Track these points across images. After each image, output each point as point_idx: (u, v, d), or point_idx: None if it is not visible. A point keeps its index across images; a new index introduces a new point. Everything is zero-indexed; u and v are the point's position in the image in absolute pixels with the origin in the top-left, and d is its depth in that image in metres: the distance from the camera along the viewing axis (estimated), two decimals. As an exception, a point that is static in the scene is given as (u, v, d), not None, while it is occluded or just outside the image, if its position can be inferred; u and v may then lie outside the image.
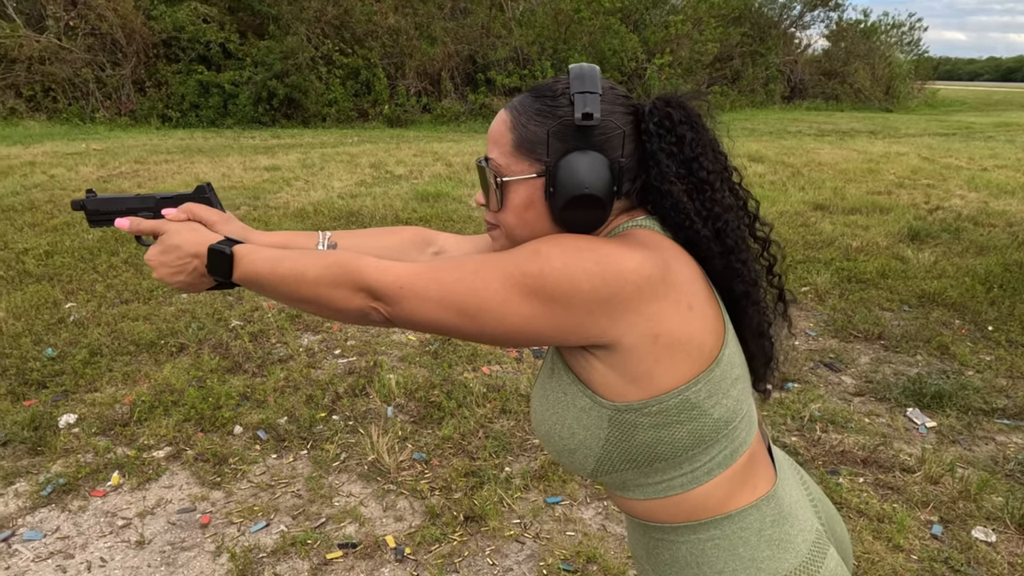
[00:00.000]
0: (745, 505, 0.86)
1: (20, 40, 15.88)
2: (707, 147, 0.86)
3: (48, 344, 3.72)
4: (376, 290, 0.80)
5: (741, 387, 0.85)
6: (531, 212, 0.87)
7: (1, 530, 2.29)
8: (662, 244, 0.82)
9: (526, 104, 0.87)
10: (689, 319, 0.78)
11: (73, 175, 9.07)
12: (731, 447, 0.84)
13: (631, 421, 0.80)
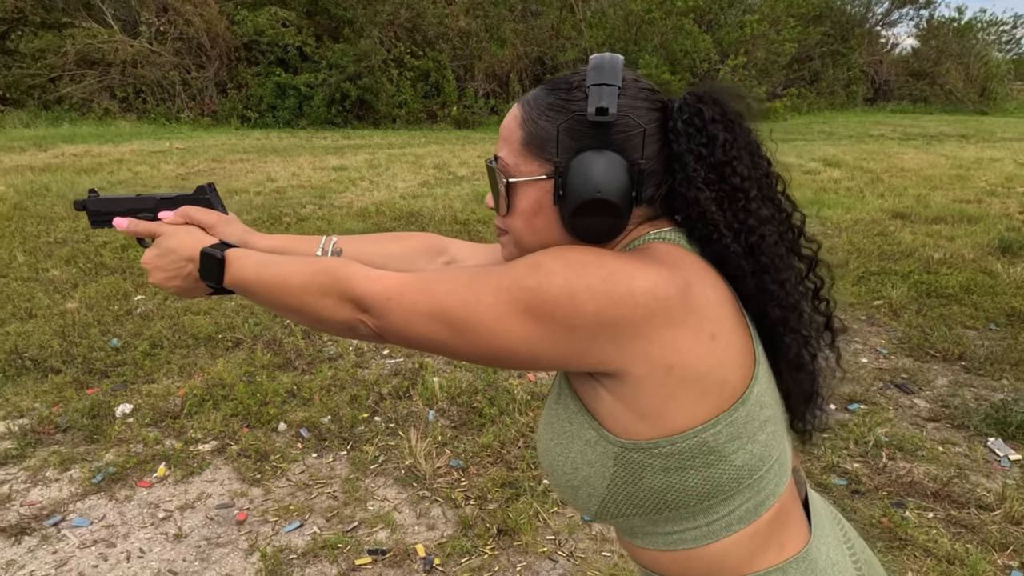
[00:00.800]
0: (769, 568, 0.75)
1: (116, 45, 16.86)
2: (743, 150, 0.76)
3: (114, 335, 3.88)
4: (364, 301, 0.74)
5: (771, 430, 0.74)
6: (540, 218, 0.78)
7: (52, 515, 2.37)
8: (685, 261, 0.72)
9: (539, 98, 0.79)
10: (711, 349, 0.68)
11: (155, 172, 9.53)
12: (755, 500, 0.73)
13: (639, 461, 0.71)
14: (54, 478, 2.59)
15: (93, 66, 16.87)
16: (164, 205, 1.00)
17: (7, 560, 2.16)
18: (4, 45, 16.57)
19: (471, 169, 9.90)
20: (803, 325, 0.77)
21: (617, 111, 0.73)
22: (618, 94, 0.73)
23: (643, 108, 0.75)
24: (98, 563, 2.15)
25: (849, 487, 2.49)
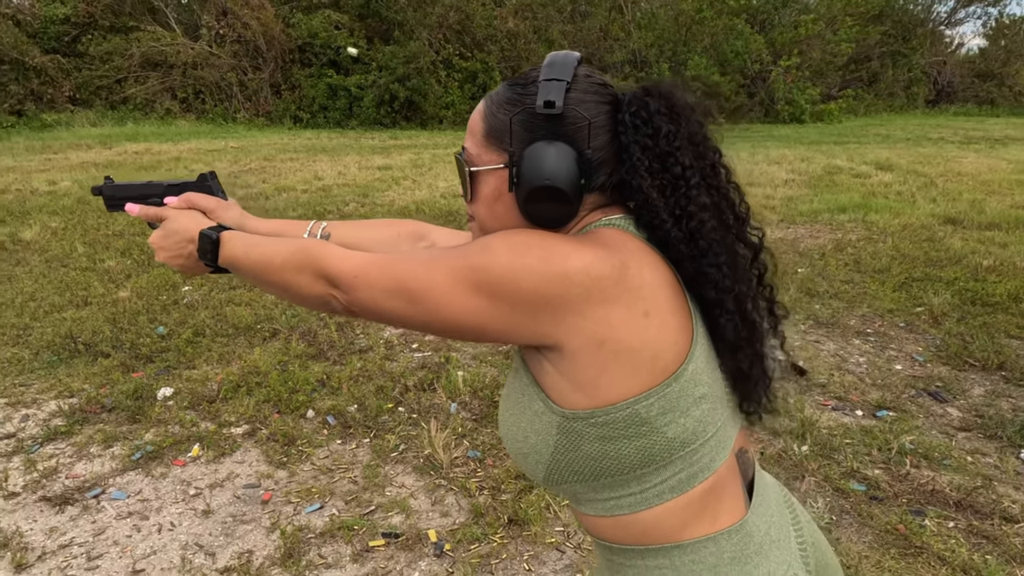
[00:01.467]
0: (701, 536, 0.78)
1: (178, 47, 17.58)
2: (686, 141, 0.79)
3: (161, 323, 4.08)
4: (334, 278, 0.80)
5: (707, 407, 0.77)
6: (500, 204, 0.84)
7: (94, 487, 2.53)
8: (626, 245, 0.77)
9: (500, 93, 0.84)
10: (643, 327, 0.72)
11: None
12: (688, 471, 0.77)
13: (578, 430, 0.75)
14: (97, 454, 2.76)
15: (156, 68, 17.63)
16: (170, 191, 1.09)
17: (51, 527, 2.32)
18: (75, 48, 17.47)
19: (513, 169, 9.98)
20: (740, 308, 0.79)
21: (566, 104, 0.77)
22: (567, 89, 0.78)
23: (593, 102, 0.79)
24: (132, 534, 2.29)
25: (867, 493, 2.45)
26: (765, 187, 8.50)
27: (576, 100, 0.78)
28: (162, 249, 1.00)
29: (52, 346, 3.73)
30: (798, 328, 4.06)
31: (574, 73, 0.79)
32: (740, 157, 11.20)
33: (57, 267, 5.24)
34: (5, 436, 2.89)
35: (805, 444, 2.73)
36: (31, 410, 3.11)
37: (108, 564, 2.15)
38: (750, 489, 0.85)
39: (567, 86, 0.78)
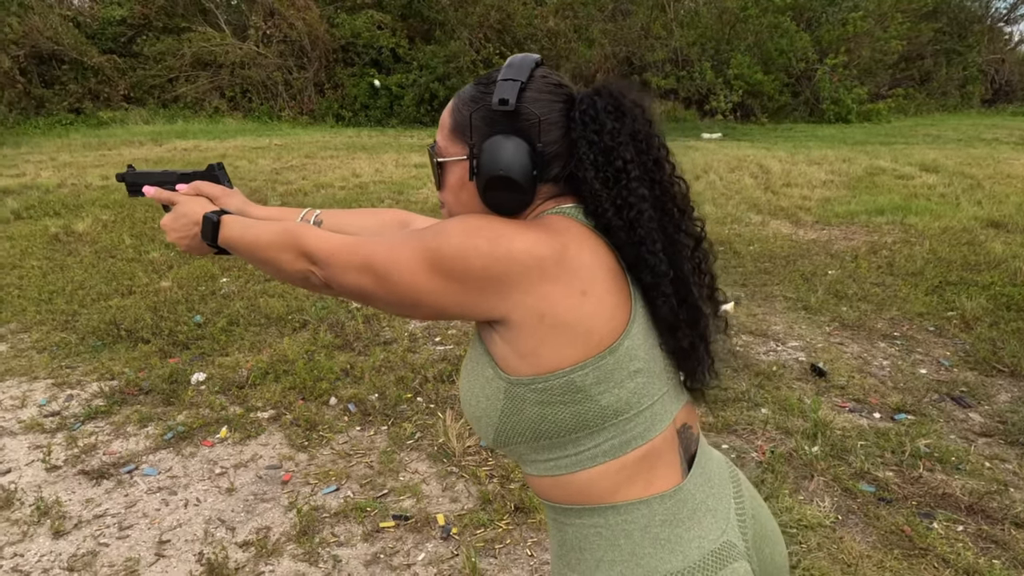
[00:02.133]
0: (634, 499, 0.84)
1: (227, 47, 18.11)
2: (629, 137, 0.85)
3: (198, 312, 4.27)
4: (313, 255, 0.89)
5: (643, 381, 0.83)
6: (464, 192, 0.91)
7: (128, 463, 2.69)
8: (570, 230, 0.83)
9: (466, 91, 0.92)
10: (579, 304, 0.79)
11: (252, 167, 10.21)
12: (621, 438, 0.83)
13: (521, 395, 0.82)
14: (133, 433, 2.93)
15: (206, 68, 18.19)
16: (182, 179, 1.20)
17: (87, 498, 2.48)
18: (131, 49, 18.15)
19: (547, 168, 10.02)
20: (677, 291, 0.85)
21: (521, 102, 0.84)
22: (521, 88, 0.84)
23: (546, 100, 0.86)
24: (160, 507, 2.44)
25: (876, 494, 2.45)
26: (802, 188, 8.37)
27: (531, 99, 0.85)
28: (172, 230, 1.10)
29: (97, 332, 3.95)
30: (822, 330, 4.03)
31: (531, 74, 0.86)
32: (779, 157, 11.03)
33: (106, 257, 5.51)
34: (51, 414, 3.08)
35: (816, 445, 2.73)
36: (75, 391, 3.30)
37: (137, 534, 2.29)
38: (693, 462, 0.91)
39: (522, 85, 0.84)
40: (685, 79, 19.22)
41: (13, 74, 15.94)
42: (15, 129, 15.11)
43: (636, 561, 0.83)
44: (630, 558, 0.83)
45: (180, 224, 1.10)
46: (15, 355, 3.69)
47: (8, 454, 2.76)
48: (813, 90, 19.78)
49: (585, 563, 0.86)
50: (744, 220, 6.77)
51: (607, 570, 0.84)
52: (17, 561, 2.16)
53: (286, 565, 2.14)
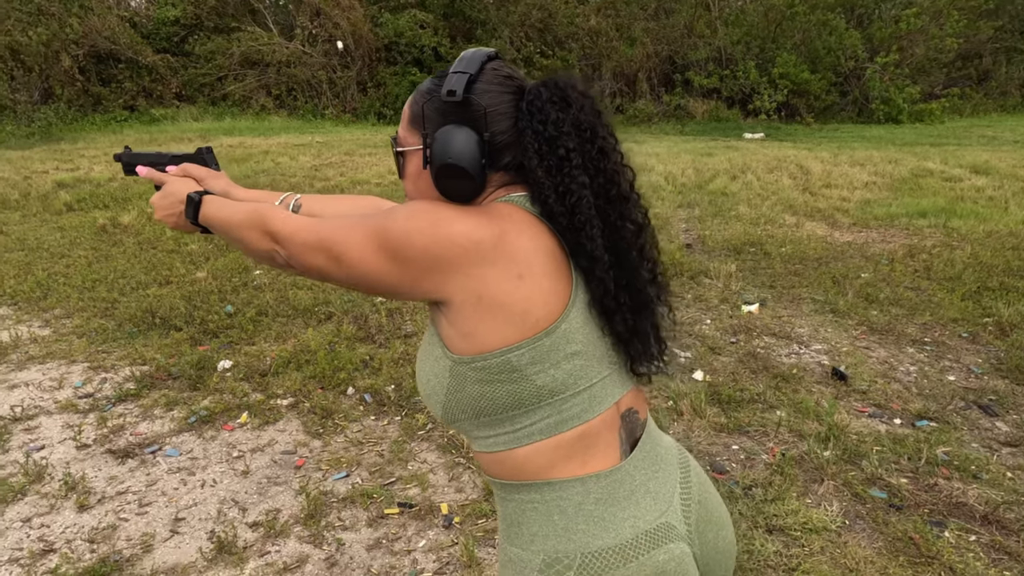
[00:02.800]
0: (569, 477, 0.87)
1: (274, 47, 18.55)
2: (572, 127, 0.87)
3: (230, 302, 4.41)
4: (276, 234, 0.93)
5: (580, 363, 0.86)
6: (422, 180, 0.94)
7: (152, 444, 2.81)
8: (512, 217, 0.86)
9: (424, 84, 0.96)
10: (516, 286, 0.82)
11: (293, 163, 10.46)
12: (557, 418, 0.86)
13: (463, 373, 0.86)
14: (159, 415, 3.05)
15: (254, 67, 18.67)
16: (173, 161, 1.27)
17: (112, 475, 2.60)
18: (183, 48, 18.75)
19: (582, 167, 9.99)
20: (616, 276, 0.87)
21: (471, 94, 0.87)
22: (470, 80, 0.87)
23: (495, 92, 0.89)
24: (179, 486, 2.54)
25: (887, 500, 2.40)
26: (842, 189, 8.17)
27: (480, 90, 0.88)
28: (159, 208, 1.17)
29: (134, 319, 4.12)
30: (849, 334, 3.94)
31: (481, 67, 0.89)
32: (821, 158, 10.78)
33: (148, 248, 5.73)
34: (85, 395, 3.23)
35: (828, 449, 2.69)
36: (109, 374, 3.46)
37: (155, 511, 2.40)
38: (636, 446, 0.92)
39: (471, 77, 0.87)
40: (728, 78, 18.90)
41: (73, 72, 16.63)
42: (73, 125, 15.78)
43: (568, 536, 0.85)
44: (563, 533, 0.86)
45: (167, 203, 1.16)
46: (57, 339, 3.88)
47: (43, 432, 2.91)
48: (862, 89, 19.24)
49: (522, 537, 0.88)
50: (778, 221, 6.65)
51: (541, 543, 0.87)
52: (43, 531, 2.28)
53: (291, 546, 2.21)
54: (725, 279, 4.82)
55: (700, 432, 2.86)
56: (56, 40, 16.20)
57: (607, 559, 0.85)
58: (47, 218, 6.97)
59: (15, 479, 2.55)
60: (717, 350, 3.71)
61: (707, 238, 6.07)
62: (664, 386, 3.25)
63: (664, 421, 2.92)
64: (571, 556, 0.85)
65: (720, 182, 8.74)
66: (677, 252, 5.42)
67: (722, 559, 0.98)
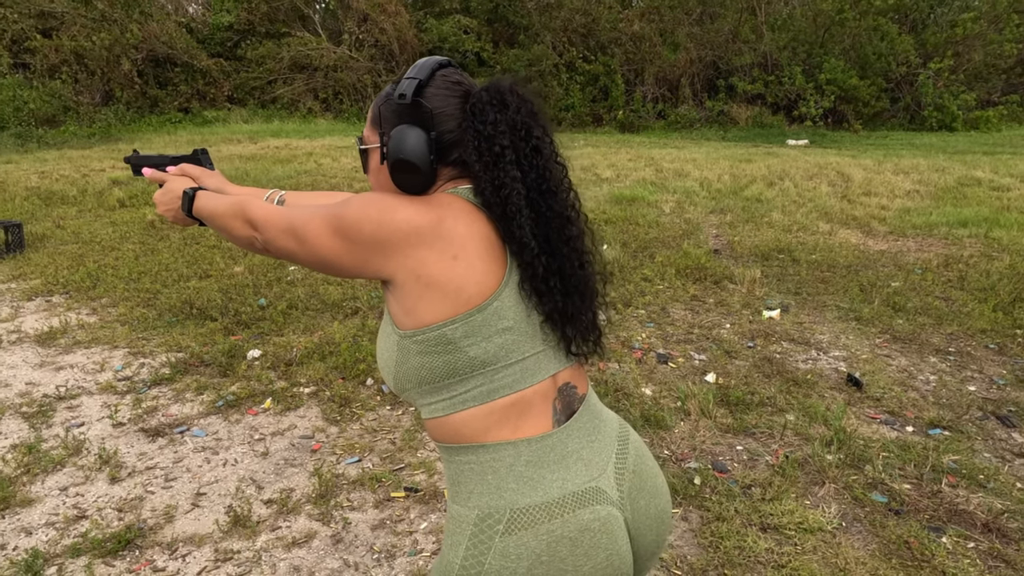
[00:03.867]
0: (501, 440, 0.95)
1: (322, 51, 19.05)
2: (507, 126, 0.96)
3: (263, 295, 4.61)
4: (254, 222, 1.05)
5: (512, 339, 0.94)
6: (381, 175, 1.05)
7: (181, 425, 2.99)
8: (452, 205, 0.96)
9: (386, 88, 1.06)
10: (451, 267, 0.91)
11: (335, 164, 10.75)
12: (489, 386, 0.95)
13: (406, 347, 0.96)
14: (190, 399, 3.23)
15: (302, 71, 19.21)
16: (173, 162, 1.40)
17: (142, 452, 2.78)
18: (236, 52, 19.41)
19: (616, 171, 10.02)
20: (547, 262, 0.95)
21: (421, 97, 0.98)
22: (419, 85, 0.97)
23: (443, 95, 0.99)
24: (203, 464, 2.70)
25: (887, 505, 2.40)
26: (882, 197, 8.01)
27: (430, 94, 0.99)
28: (160, 203, 1.30)
29: (173, 309, 4.34)
30: (871, 341, 3.90)
31: (432, 73, 0.99)
32: (864, 165, 10.56)
33: (191, 244, 6.01)
34: (124, 378, 3.44)
35: (832, 452, 2.69)
36: (147, 359, 3.67)
37: (179, 486, 2.56)
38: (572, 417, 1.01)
39: (420, 83, 0.97)
40: (773, 84, 18.62)
41: (132, 76, 17.39)
42: (131, 126, 16.50)
43: (500, 494, 0.94)
44: (495, 491, 0.94)
45: (167, 199, 1.29)
46: (102, 326, 4.13)
47: (84, 410, 3.12)
48: (914, 96, 18.72)
49: (460, 495, 0.97)
50: (811, 228, 6.58)
51: (476, 500, 0.95)
52: (78, 500, 2.46)
53: (301, 522, 2.34)
54: (749, 284, 4.81)
55: (705, 432, 2.89)
56: (117, 45, 16.98)
57: (534, 515, 0.93)
58: (101, 213, 7.35)
59: (56, 452, 2.74)
60: (733, 354, 3.73)
61: (736, 244, 6.05)
62: (674, 387, 3.29)
63: (670, 420, 2.96)
64: (501, 511, 0.94)
65: (756, 188, 8.66)
66: (703, 257, 5.43)
67: (654, 524, 1.05)
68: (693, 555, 2.17)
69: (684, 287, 4.85)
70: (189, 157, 1.41)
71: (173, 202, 1.26)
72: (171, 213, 1.28)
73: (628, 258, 5.55)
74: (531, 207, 0.96)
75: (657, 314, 4.35)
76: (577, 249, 1.00)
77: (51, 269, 5.25)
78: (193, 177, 1.34)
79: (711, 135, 17.32)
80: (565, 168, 1.02)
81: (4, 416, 3.05)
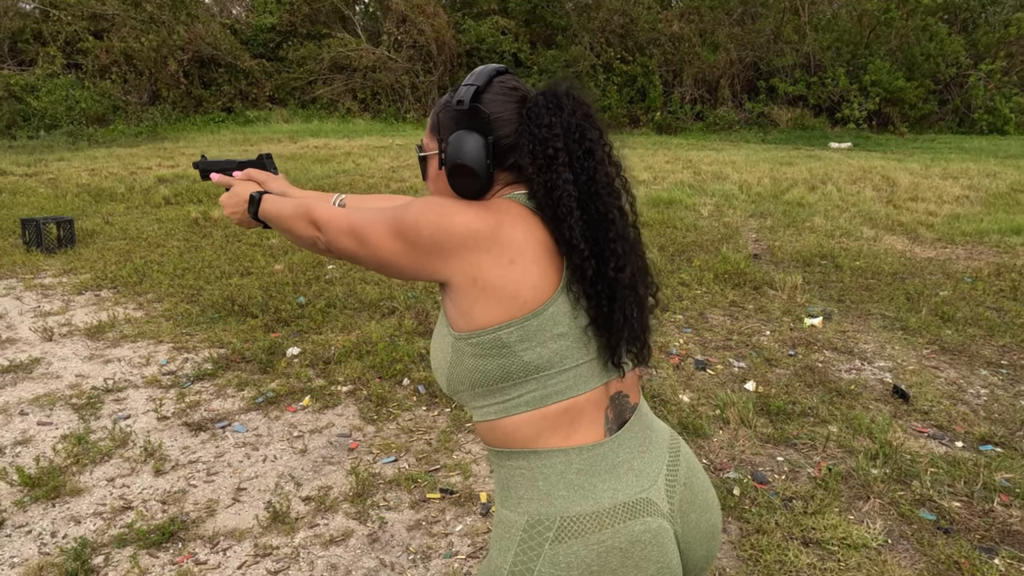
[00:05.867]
0: (553, 447, 0.95)
1: (361, 52, 19.29)
2: (561, 129, 0.95)
3: (303, 294, 4.68)
4: (317, 223, 1.06)
5: (566, 344, 0.93)
6: (440, 180, 1.06)
7: (222, 420, 3.04)
8: (509, 211, 0.95)
9: (445, 96, 1.07)
10: (507, 271, 0.91)
11: (372, 164, 10.87)
12: (542, 392, 0.94)
13: (461, 348, 0.96)
14: (231, 394, 3.30)
15: (342, 71, 19.48)
16: (239, 167, 1.43)
17: (185, 445, 2.84)
18: (277, 53, 19.77)
19: (654, 174, 9.92)
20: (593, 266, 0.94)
21: (478, 103, 0.98)
22: (477, 91, 0.97)
23: (501, 100, 0.99)
24: (243, 459, 2.75)
25: (936, 523, 2.32)
26: (929, 203, 7.78)
27: (487, 100, 0.98)
28: (227, 206, 1.32)
29: (215, 305, 4.44)
30: (918, 352, 3.79)
31: (489, 80, 0.99)
32: (910, 169, 10.27)
33: (233, 241, 6.13)
34: (168, 372, 3.53)
35: (878, 466, 2.62)
36: (191, 355, 3.75)
37: (221, 480, 2.61)
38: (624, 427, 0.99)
39: (478, 89, 0.97)
40: (816, 85, 18.26)
41: (178, 76, 17.85)
42: (176, 125, 16.93)
43: (550, 501, 0.93)
44: (545, 498, 0.94)
45: (233, 202, 1.32)
46: (148, 321, 4.24)
47: (130, 403, 3.21)
48: (964, 98, 18.16)
49: (510, 500, 0.97)
50: (855, 234, 6.42)
51: (526, 506, 0.95)
52: (124, 491, 2.53)
53: (339, 520, 2.36)
54: (790, 291, 4.72)
55: (745, 442, 2.84)
56: (165, 46, 17.44)
57: (584, 523, 0.92)
58: (147, 210, 7.55)
59: (103, 443, 2.82)
60: (773, 362, 3.66)
61: (776, 249, 5.94)
62: (712, 394, 3.24)
63: (708, 428, 2.91)
64: (551, 518, 0.93)
65: (797, 192, 8.49)
66: (743, 262, 5.34)
67: (704, 540, 1.03)
68: (732, 568, 2.13)
69: (723, 292, 4.78)
70: (254, 162, 1.44)
71: (239, 205, 1.29)
72: (237, 216, 1.30)
73: (665, 262, 5.49)
74: (582, 209, 0.95)
75: (695, 319, 4.29)
76: (627, 253, 0.98)
77: (100, 264, 5.41)
78: (259, 181, 1.37)
79: (751, 137, 17.05)
80: (619, 169, 1.00)
81: (56, 407, 3.15)
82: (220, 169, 1.46)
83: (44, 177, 9.65)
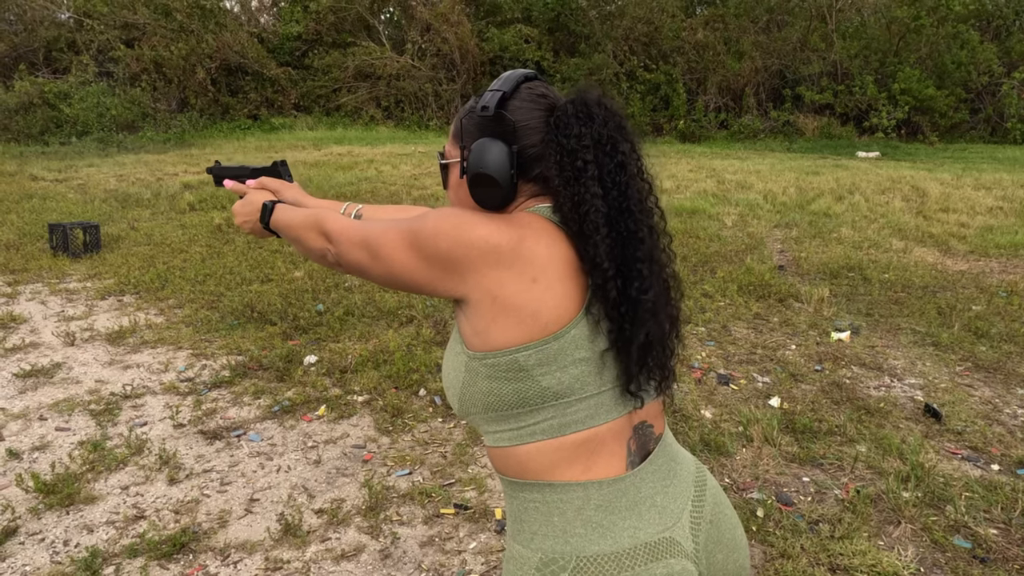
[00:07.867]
0: (570, 480, 0.89)
1: (385, 61, 19.43)
2: (592, 140, 0.90)
3: (321, 301, 4.67)
4: (329, 235, 1.02)
5: (587, 370, 0.87)
6: (461, 189, 1.00)
7: (238, 428, 3.03)
8: (532, 224, 0.90)
9: (469, 102, 1.02)
10: (528, 289, 0.85)
11: (394, 171, 10.90)
12: (561, 420, 0.88)
13: (475, 369, 0.90)
14: (248, 403, 3.28)
15: (366, 79, 19.62)
16: (253, 174, 1.40)
17: (200, 454, 2.82)
18: (303, 61, 19.99)
19: (677, 183, 9.82)
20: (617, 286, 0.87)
21: (504, 110, 0.93)
22: (502, 97, 0.93)
23: (527, 108, 0.94)
24: (257, 469, 2.73)
25: (972, 552, 2.22)
26: (961, 214, 7.58)
27: (513, 107, 0.93)
28: (239, 215, 1.29)
29: (235, 312, 4.44)
30: (950, 369, 3.66)
31: (516, 86, 0.94)
32: (941, 179, 10.05)
33: (255, 248, 6.16)
34: (186, 379, 3.53)
35: (909, 489, 2.52)
36: (209, 361, 3.75)
37: (234, 490, 2.58)
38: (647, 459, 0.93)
39: (504, 95, 0.93)
40: (843, 94, 17.99)
41: (206, 84, 18.11)
42: (203, 132, 17.17)
43: (565, 539, 0.87)
44: (560, 535, 0.88)
45: (246, 210, 1.28)
46: (167, 327, 4.25)
47: (147, 410, 3.21)
48: (996, 107, 17.77)
49: (523, 534, 0.91)
50: (883, 246, 6.27)
51: (540, 543, 0.89)
52: (137, 499, 2.52)
53: (351, 535, 2.32)
54: (816, 304, 4.60)
55: (769, 461, 2.75)
56: (193, 54, 17.71)
57: (602, 565, 0.86)
58: (172, 216, 7.63)
59: (119, 450, 2.82)
60: (799, 377, 3.56)
61: (802, 260, 5.81)
62: (735, 410, 3.15)
63: (731, 446, 2.83)
64: (567, 558, 0.87)
65: (823, 202, 8.34)
66: (767, 273, 5.23)
67: None
68: (755, 594, 2.05)
69: (747, 304, 4.68)
70: (269, 169, 1.42)
71: (252, 214, 1.26)
72: (248, 225, 1.27)
73: (688, 273, 5.40)
74: (610, 226, 0.89)
75: (718, 332, 4.20)
76: (654, 275, 0.92)
77: (124, 269, 5.46)
78: (272, 191, 1.34)
79: (776, 146, 16.84)
80: (651, 186, 0.95)
81: (74, 412, 3.16)
82: (234, 176, 1.44)
83: (74, 183, 9.82)
